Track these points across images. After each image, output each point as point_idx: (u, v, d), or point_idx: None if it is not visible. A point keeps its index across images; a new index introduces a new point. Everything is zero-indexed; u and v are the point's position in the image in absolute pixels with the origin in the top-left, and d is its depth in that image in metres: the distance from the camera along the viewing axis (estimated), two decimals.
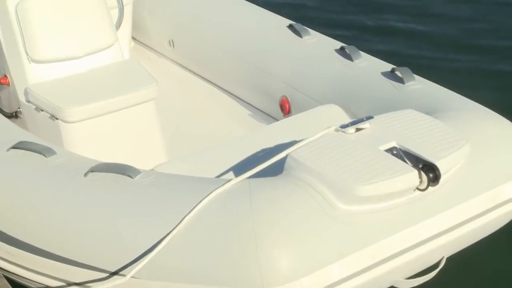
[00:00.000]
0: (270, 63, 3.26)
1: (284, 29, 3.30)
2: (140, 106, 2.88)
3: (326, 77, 2.98)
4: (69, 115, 2.73)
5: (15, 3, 2.81)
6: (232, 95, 3.50)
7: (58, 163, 2.27)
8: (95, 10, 2.99)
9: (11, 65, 2.89)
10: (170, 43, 3.80)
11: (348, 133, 2.14)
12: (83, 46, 2.95)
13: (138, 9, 3.82)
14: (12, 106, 3.00)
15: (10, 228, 2.21)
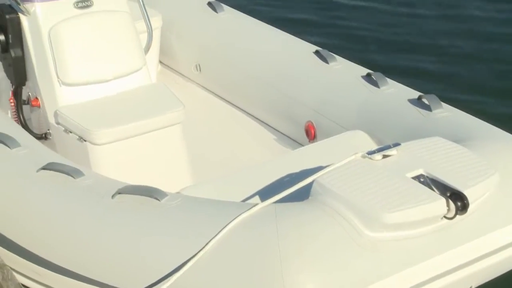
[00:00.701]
0: (296, 89, 3.27)
1: (310, 55, 3.32)
2: (167, 129, 2.91)
3: (352, 103, 2.99)
4: (97, 137, 2.77)
5: (49, 27, 2.87)
6: (257, 120, 3.52)
7: (86, 185, 2.29)
8: (125, 35, 3.04)
9: (42, 87, 2.94)
10: (197, 68, 3.84)
11: (375, 159, 2.13)
12: (112, 69, 3.00)
13: (166, 34, 3.88)
14: (42, 128, 3.05)
15: (38, 248, 2.24)
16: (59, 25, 2.89)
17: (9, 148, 2.49)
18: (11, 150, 2.48)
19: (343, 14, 6.15)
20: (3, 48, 2.94)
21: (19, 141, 2.52)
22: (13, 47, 2.93)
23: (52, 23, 2.88)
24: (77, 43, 2.92)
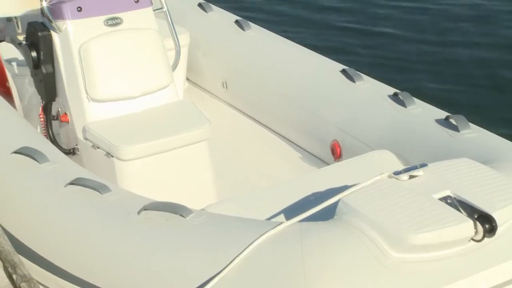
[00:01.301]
0: (322, 107, 3.27)
1: (337, 74, 3.32)
2: (193, 146, 2.93)
3: (378, 123, 2.98)
4: (124, 153, 2.80)
5: (79, 44, 2.92)
6: (283, 138, 3.52)
7: (113, 200, 2.31)
8: (154, 52, 3.07)
9: (71, 103, 2.99)
10: (224, 85, 3.86)
11: (401, 180, 2.11)
12: (140, 86, 3.03)
13: (194, 51, 3.92)
14: (70, 143, 3.09)
15: (65, 263, 2.26)
16: (89, 42, 2.93)
17: (38, 163, 2.52)
18: (40, 164, 2.52)
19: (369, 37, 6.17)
20: (35, 65, 2.99)
21: (47, 156, 2.55)
22: (44, 63, 2.98)
23: (82, 40, 2.92)
24: (106, 60, 2.96)
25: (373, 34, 6.17)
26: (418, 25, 6.26)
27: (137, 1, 3.06)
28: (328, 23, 6.41)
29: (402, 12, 6.57)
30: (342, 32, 6.21)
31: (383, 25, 6.34)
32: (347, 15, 6.59)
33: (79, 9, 2.92)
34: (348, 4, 6.84)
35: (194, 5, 4.14)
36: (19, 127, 2.87)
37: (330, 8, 6.76)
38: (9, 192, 2.54)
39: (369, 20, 6.44)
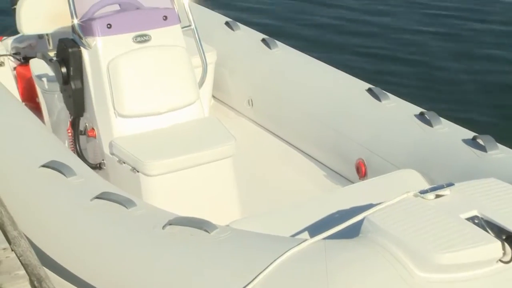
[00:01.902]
0: (348, 125, 3.27)
1: (363, 93, 3.32)
2: (218, 162, 2.94)
3: (404, 142, 2.96)
4: (149, 168, 2.81)
5: (108, 60, 2.96)
6: (308, 156, 3.52)
7: (138, 215, 2.33)
8: (181, 69, 3.10)
9: (99, 118, 3.02)
10: (249, 102, 3.88)
11: (427, 199, 2.10)
12: (167, 102, 3.06)
13: (220, 69, 3.95)
14: (97, 158, 3.12)
15: (89, 276, 2.27)
16: (118, 58, 2.97)
17: (65, 177, 2.55)
18: (67, 178, 2.55)
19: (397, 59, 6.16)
20: (64, 81, 3.04)
21: (75, 170, 2.58)
22: (74, 79, 3.02)
23: (111, 57, 2.96)
24: (134, 76, 2.99)
25: (400, 56, 6.17)
26: (445, 49, 6.25)
27: (165, 19, 3.09)
28: (355, 45, 6.43)
29: (429, 37, 6.57)
30: (368, 54, 6.23)
31: (409, 48, 6.34)
32: (374, 39, 6.61)
33: (109, 26, 2.97)
34: (375, 29, 6.88)
35: (221, 24, 4.18)
36: (48, 141, 2.91)
37: (357, 32, 6.81)
38: (36, 205, 2.57)
39: (395, 43, 6.46)
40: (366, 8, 7.48)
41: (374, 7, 7.53)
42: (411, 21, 7.05)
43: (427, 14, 7.23)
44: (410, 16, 7.18)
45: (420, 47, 6.33)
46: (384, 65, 5.92)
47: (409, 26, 6.93)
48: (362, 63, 5.89)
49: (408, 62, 6.00)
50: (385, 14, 7.34)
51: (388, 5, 7.62)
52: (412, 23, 6.98)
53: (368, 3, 7.59)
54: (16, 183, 2.69)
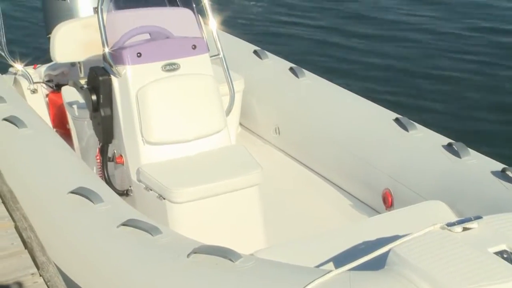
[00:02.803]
0: (375, 155, 3.25)
1: (390, 122, 3.31)
2: (244, 190, 2.94)
3: (431, 172, 2.93)
4: (175, 196, 2.83)
5: (137, 88, 3.00)
6: (334, 185, 3.51)
7: (163, 243, 2.34)
8: (209, 97, 3.13)
9: (127, 145, 3.06)
10: (276, 131, 3.89)
11: (454, 231, 2.07)
12: (194, 130, 3.09)
13: (248, 97, 3.97)
14: (124, 184, 3.15)
15: None
16: (147, 86, 3.01)
17: (93, 203, 2.58)
18: (94, 205, 2.58)
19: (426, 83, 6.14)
20: (94, 108, 3.09)
21: (102, 197, 2.61)
22: (103, 106, 3.07)
23: (140, 85, 3.01)
24: (162, 104, 3.03)
25: (428, 86, 6.14)
26: (474, 81, 6.21)
27: (194, 48, 3.13)
28: (382, 75, 6.44)
29: (458, 68, 6.55)
30: (395, 84, 6.22)
31: (437, 79, 6.32)
32: (401, 69, 6.61)
33: (139, 55, 3.02)
34: (403, 59, 6.88)
35: (249, 52, 4.22)
36: (77, 167, 2.95)
37: (384, 62, 6.82)
38: (64, 232, 2.60)
39: (422, 74, 6.44)
40: (393, 39, 7.50)
41: (403, 37, 7.54)
42: (440, 52, 7.03)
43: (456, 45, 7.22)
44: (439, 47, 7.17)
45: (448, 78, 6.31)
46: (412, 95, 5.90)
47: (438, 57, 6.92)
48: (390, 93, 5.88)
49: (436, 93, 5.98)
50: (413, 44, 7.34)
51: (416, 35, 7.62)
52: (440, 55, 6.97)
53: (396, 35, 7.60)
54: (46, 208, 2.73)
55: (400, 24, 7.95)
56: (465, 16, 8.04)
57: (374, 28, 7.87)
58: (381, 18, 8.21)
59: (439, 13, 8.33)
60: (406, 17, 8.22)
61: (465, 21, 7.95)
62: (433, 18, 8.14)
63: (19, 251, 2.50)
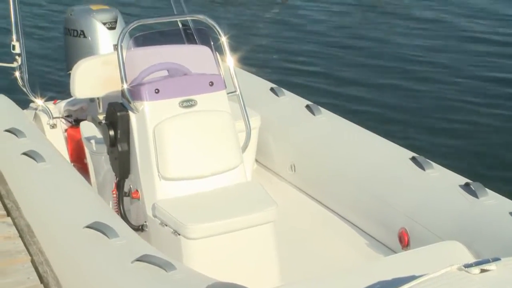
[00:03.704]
0: (391, 194, 3.24)
1: (406, 161, 3.30)
2: (259, 227, 2.93)
3: (448, 213, 2.91)
4: (190, 231, 2.83)
5: (154, 124, 3.03)
6: (350, 223, 3.48)
7: (177, 279, 2.33)
8: (225, 134, 3.15)
9: (143, 181, 3.07)
10: (292, 168, 3.89)
11: (472, 273, 2.03)
12: (210, 166, 3.10)
13: (264, 134, 3.99)
14: (140, 219, 3.16)
15: None
16: (164, 122, 3.04)
17: (108, 238, 2.59)
18: (109, 240, 2.58)
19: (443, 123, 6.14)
20: (111, 143, 3.12)
21: (117, 232, 2.62)
22: (121, 142, 3.10)
23: (157, 121, 3.04)
24: (179, 140, 3.05)
25: (445, 126, 6.13)
26: (492, 120, 6.19)
27: (212, 85, 3.17)
28: (400, 115, 6.44)
29: (476, 108, 6.54)
30: (412, 123, 6.21)
31: (454, 117, 6.31)
32: (417, 108, 6.62)
33: (157, 91, 3.06)
34: (420, 98, 6.90)
35: (266, 89, 4.26)
36: (93, 202, 2.97)
37: (400, 101, 6.84)
38: (79, 266, 2.60)
39: (439, 112, 6.44)
40: (411, 78, 7.52)
41: (420, 76, 7.56)
42: (458, 91, 7.04)
43: (474, 84, 7.22)
44: (457, 87, 7.18)
45: (465, 117, 6.29)
46: (428, 134, 5.89)
47: (455, 96, 6.92)
48: (406, 131, 5.87)
49: (453, 132, 5.96)
50: (430, 83, 7.36)
51: (433, 74, 7.65)
52: (458, 93, 6.97)
53: (414, 74, 7.62)
54: (62, 243, 2.75)
55: (418, 63, 7.99)
56: (484, 59, 8.04)
57: (391, 66, 7.91)
58: (398, 56, 8.26)
59: (457, 54, 8.37)
60: (422, 54, 8.27)
61: (483, 61, 7.96)
62: (450, 59, 8.18)
63: (35, 285, 2.50)
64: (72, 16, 4.27)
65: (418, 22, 9.59)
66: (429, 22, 9.50)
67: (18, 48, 4.11)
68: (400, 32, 9.25)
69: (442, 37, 8.87)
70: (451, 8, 10.32)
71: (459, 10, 10.18)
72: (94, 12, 4.25)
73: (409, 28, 9.42)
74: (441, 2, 10.64)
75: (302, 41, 9.01)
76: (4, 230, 2.69)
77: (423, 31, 9.26)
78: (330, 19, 10.03)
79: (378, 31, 9.32)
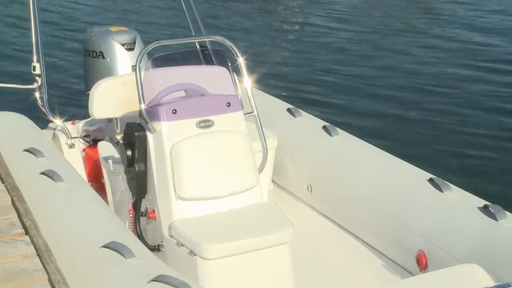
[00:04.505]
0: (408, 215, 3.21)
1: (424, 183, 3.27)
2: (275, 248, 2.92)
3: (467, 235, 2.88)
4: (206, 252, 2.82)
5: (171, 145, 3.05)
6: (367, 244, 3.46)
7: None
8: (242, 154, 3.15)
9: (160, 201, 3.08)
10: (308, 188, 3.88)
11: None
12: (227, 187, 3.10)
13: (280, 154, 3.98)
14: (156, 240, 3.16)
15: None
16: (181, 142, 3.06)
17: (124, 258, 2.59)
18: (126, 259, 2.58)
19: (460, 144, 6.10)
20: (129, 163, 3.13)
21: (134, 252, 2.62)
22: (138, 162, 3.12)
23: (174, 141, 3.05)
24: (196, 160, 3.06)
25: (462, 149, 6.10)
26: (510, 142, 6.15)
27: (229, 105, 3.18)
28: (417, 135, 6.41)
29: (494, 131, 6.49)
30: (430, 144, 6.18)
31: (471, 140, 6.27)
32: (436, 130, 6.59)
33: (174, 112, 3.08)
34: (438, 120, 6.87)
35: (283, 110, 4.26)
36: (110, 222, 2.98)
37: (418, 121, 6.81)
38: (95, 285, 2.60)
39: (456, 135, 6.41)
40: (428, 100, 7.50)
41: (436, 98, 7.54)
42: (474, 115, 7.00)
43: (493, 108, 7.18)
44: (474, 111, 7.14)
45: (483, 140, 6.24)
46: (446, 155, 5.85)
47: (473, 117, 6.88)
48: (424, 153, 5.83)
49: (471, 153, 5.91)
50: (447, 104, 7.33)
51: (452, 94, 7.62)
52: (476, 115, 6.93)
53: (430, 98, 7.59)
54: (78, 262, 2.75)
55: (435, 86, 7.96)
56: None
57: (408, 87, 7.89)
58: (416, 78, 8.24)
59: (477, 71, 8.34)
60: (437, 78, 8.25)
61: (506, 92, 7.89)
62: (468, 77, 8.15)
63: None
64: (92, 38, 4.32)
65: (435, 49, 9.56)
66: (447, 51, 9.45)
67: (39, 69, 4.16)
68: (417, 55, 9.24)
69: (457, 64, 8.83)
70: (474, 35, 10.28)
71: (486, 37, 10.12)
72: (113, 34, 4.30)
73: (426, 52, 9.41)
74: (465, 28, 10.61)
75: (319, 62, 9.03)
76: (22, 248, 2.70)
77: (440, 55, 9.24)
78: (349, 40, 10.06)
79: (395, 54, 9.32)
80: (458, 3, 12.14)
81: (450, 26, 10.77)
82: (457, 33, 10.32)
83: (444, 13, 11.62)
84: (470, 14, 11.45)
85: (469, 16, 11.35)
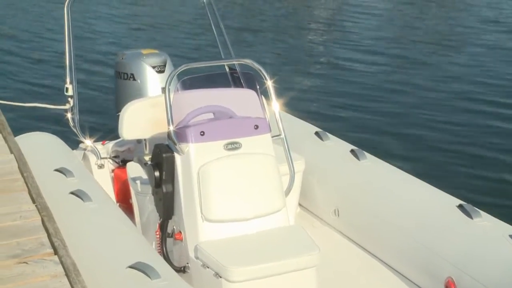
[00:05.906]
0: (437, 241, 3.17)
1: (453, 209, 3.23)
2: (301, 272, 2.90)
3: (498, 263, 2.82)
4: (232, 274, 2.82)
5: (199, 166, 3.06)
6: (394, 270, 3.41)
7: None
8: (269, 177, 3.15)
9: (186, 222, 3.09)
10: (335, 212, 3.85)
11: None
12: (253, 209, 3.09)
13: (308, 177, 3.97)
14: (182, 261, 3.16)
15: None
16: (209, 164, 3.07)
17: (150, 279, 2.60)
18: (151, 280, 2.59)
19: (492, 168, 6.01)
20: (156, 184, 3.15)
21: (159, 273, 2.63)
22: (165, 183, 3.13)
23: (202, 163, 3.07)
24: (223, 182, 3.07)
25: (492, 174, 6.00)
26: None
27: (256, 128, 3.19)
28: (445, 161, 6.34)
29: None
30: (459, 170, 6.10)
31: (500, 166, 6.17)
32: (465, 156, 6.51)
33: (202, 134, 3.09)
34: (468, 145, 6.79)
35: (311, 133, 4.26)
36: (137, 242, 2.99)
37: (447, 146, 6.74)
38: None
39: (485, 161, 6.32)
40: (457, 124, 7.43)
41: (466, 123, 7.46)
42: (508, 139, 6.90)
43: None
44: (508, 135, 7.04)
45: None
46: (476, 181, 5.76)
47: (503, 144, 6.78)
48: (453, 178, 5.76)
49: (499, 180, 5.81)
50: (476, 127, 7.24)
51: (478, 118, 7.53)
52: (504, 141, 6.83)
53: (459, 123, 7.52)
54: (105, 282, 2.76)
55: (464, 111, 7.88)
56: None
57: (438, 112, 7.82)
58: (447, 101, 8.18)
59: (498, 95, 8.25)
60: (467, 101, 8.17)
61: None
62: (503, 103, 8.05)
63: None
64: (123, 60, 4.39)
65: (467, 68, 9.50)
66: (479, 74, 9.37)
67: (71, 91, 4.24)
68: (448, 78, 9.18)
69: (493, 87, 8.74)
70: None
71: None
72: (144, 56, 4.36)
73: (457, 73, 9.35)
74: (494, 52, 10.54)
75: (348, 85, 9.02)
76: (51, 268, 2.72)
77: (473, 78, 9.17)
78: (378, 65, 10.04)
79: (424, 76, 9.27)
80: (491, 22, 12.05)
81: (483, 47, 10.69)
82: (491, 55, 10.26)
83: (476, 33, 11.55)
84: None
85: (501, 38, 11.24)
